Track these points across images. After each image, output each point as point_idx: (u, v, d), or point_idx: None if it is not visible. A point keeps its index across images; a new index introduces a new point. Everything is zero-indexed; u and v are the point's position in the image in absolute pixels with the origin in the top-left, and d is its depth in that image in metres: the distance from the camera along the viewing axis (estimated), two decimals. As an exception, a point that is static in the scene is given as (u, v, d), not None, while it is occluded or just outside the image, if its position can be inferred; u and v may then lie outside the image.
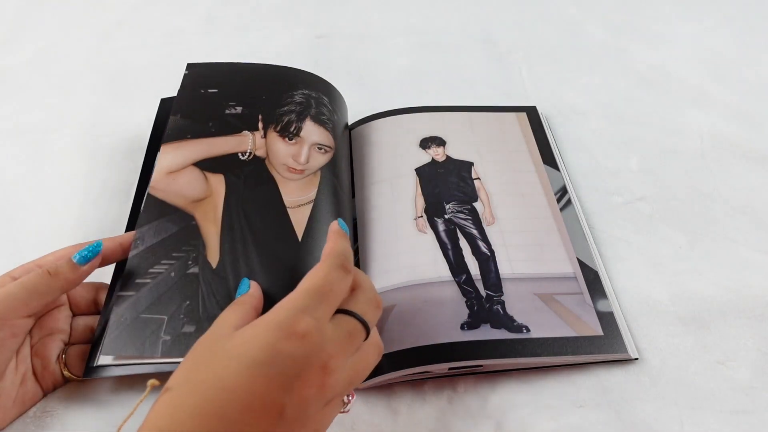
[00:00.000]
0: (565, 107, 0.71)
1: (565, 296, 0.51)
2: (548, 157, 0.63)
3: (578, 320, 0.49)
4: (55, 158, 0.65)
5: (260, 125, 0.58)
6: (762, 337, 0.49)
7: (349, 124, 0.67)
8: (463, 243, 0.55)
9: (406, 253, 0.54)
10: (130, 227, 0.53)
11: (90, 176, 0.63)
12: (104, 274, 0.53)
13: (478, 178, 0.60)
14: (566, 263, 0.54)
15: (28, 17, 0.85)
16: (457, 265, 0.53)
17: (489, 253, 0.54)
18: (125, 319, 0.45)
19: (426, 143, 0.63)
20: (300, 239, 0.51)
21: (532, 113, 0.68)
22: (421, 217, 0.57)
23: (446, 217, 0.57)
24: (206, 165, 0.54)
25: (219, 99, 0.60)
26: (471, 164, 0.61)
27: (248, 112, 0.59)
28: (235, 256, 0.49)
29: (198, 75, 0.62)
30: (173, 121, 0.57)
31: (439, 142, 0.63)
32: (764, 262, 0.55)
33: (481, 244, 0.55)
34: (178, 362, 0.43)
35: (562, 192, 0.60)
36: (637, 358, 0.48)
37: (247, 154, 0.56)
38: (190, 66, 0.62)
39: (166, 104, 0.62)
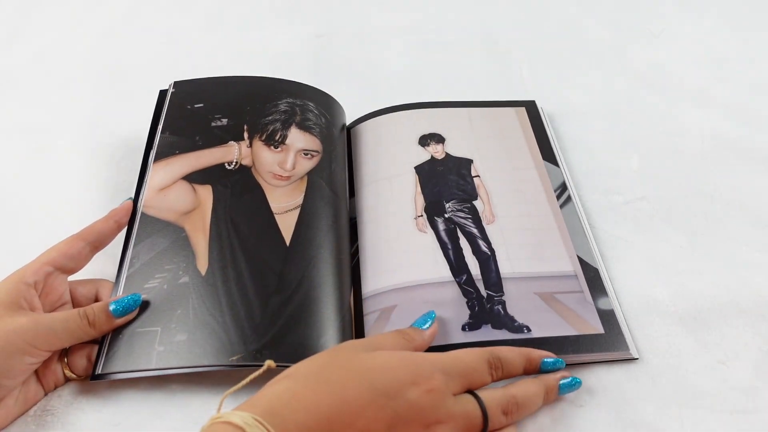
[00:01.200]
0: (566, 106, 0.71)
1: (566, 294, 0.51)
2: (548, 153, 0.63)
3: (579, 318, 0.49)
4: (55, 158, 0.66)
5: (245, 135, 0.59)
6: (762, 337, 0.49)
7: (349, 123, 0.67)
8: (464, 242, 0.55)
9: (406, 253, 0.54)
10: (130, 227, 0.53)
11: (90, 176, 0.63)
12: (105, 273, 0.53)
13: (478, 176, 0.60)
14: (566, 261, 0.53)
15: (28, 17, 0.85)
16: (457, 266, 0.53)
17: (489, 252, 0.54)
18: (122, 335, 0.46)
19: (425, 140, 0.63)
20: (288, 244, 0.52)
21: (531, 108, 0.68)
22: (421, 216, 0.57)
23: (446, 216, 0.57)
24: (194, 177, 0.56)
25: (205, 113, 0.61)
26: (470, 161, 0.61)
27: (234, 123, 0.60)
28: (223, 263, 0.51)
29: (184, 92, 0.63)
30: (162, 138, 0.59)
31: (438, 138, 0.63)
32: (765, 261, 0.55)
33: (481, 243, 0.55)
34: (176, 368, 0.44)
35: (562, 189, 0.60)
36: (637, 358, 0.48)
37: (234, 163, 0.57)
38: (177, 84, 0.64)
39: (164, 96, 0.63)
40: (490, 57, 0.79)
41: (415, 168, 0.61)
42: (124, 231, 0.53)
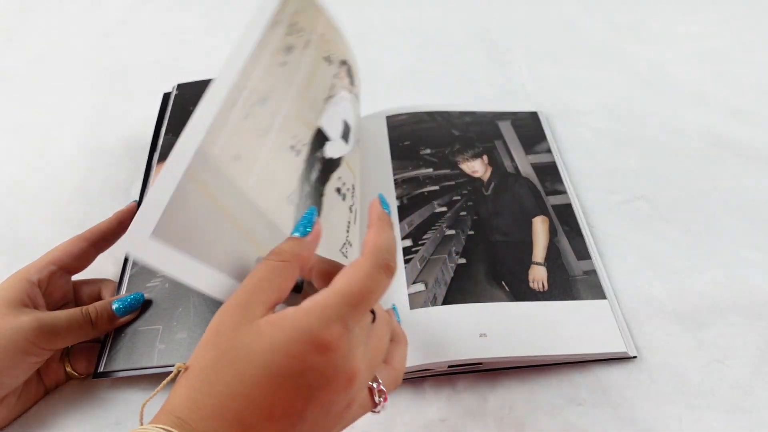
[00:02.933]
0: (566, 106, 0.71)
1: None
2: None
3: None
4: (55, 158, 0.66)
5: None
6: (761, 336, 0.50)
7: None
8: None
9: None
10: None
11: (91, 175, 0.64)
12: (108, 273, 0.53)
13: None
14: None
15: (28, 17, 0.85)
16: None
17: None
18: (124, 334, 0.47)
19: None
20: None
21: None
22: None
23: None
24: None
25: None
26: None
27: None
28: None
29: (187, 93, 0.63)
30: (166, 140, 0.59)
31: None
32: (763, 260, 0.55)
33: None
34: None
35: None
36: (635, 356, 0.48)
37: None
38: (180, 86, 0.64)
39: (168, 99, 0.63)
40: (490, 57, 0.79)
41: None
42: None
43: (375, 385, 0.36)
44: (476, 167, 0.61)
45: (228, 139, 0.39)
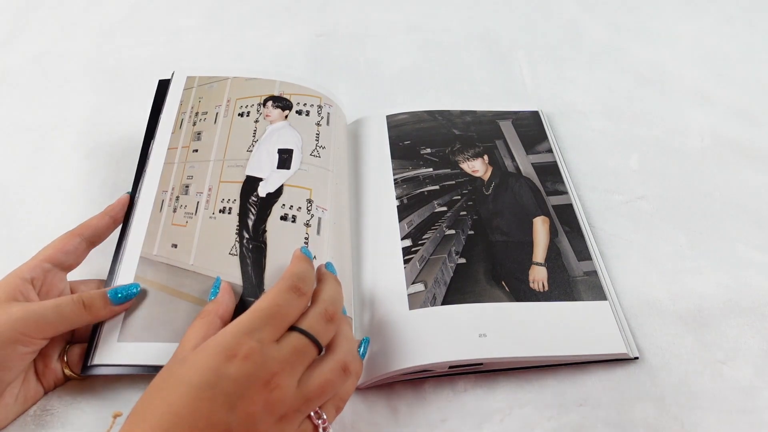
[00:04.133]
0: (566, 106, 0.71)
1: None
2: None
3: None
4: (54, 157, 0.65)
5: None
6: (763, 336, 0.49)
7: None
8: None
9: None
10: (126, 222, 0.53)
11: (90, 175, 0.63)
12: (104, 271, 0.53)
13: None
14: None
15: (28, 17, 0.85)
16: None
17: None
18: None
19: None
20: None
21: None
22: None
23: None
24: None
25: None
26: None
27: None
28: None
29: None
30: None
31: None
32: (764, 261, 0.55)
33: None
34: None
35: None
36: (637, 357, 0.48)
37: None
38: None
39: (163, 86, 0.63)
40: (491, 57, 0.79)
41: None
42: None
43: (319, 422, 0.38)
44: (477, 167, 0.61)
45: (163, 235, 0.51)
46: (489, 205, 0.58)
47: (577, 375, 0.46)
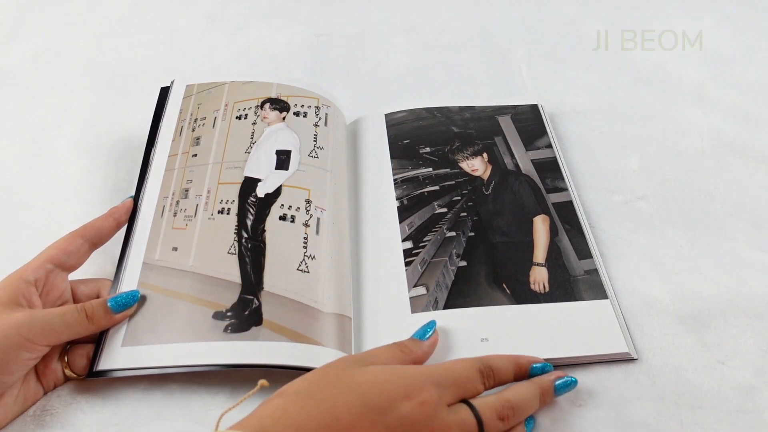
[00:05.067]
0: (566, 106, 0.71)
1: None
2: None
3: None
4: (54, 157, 0.65)
5: None
6: (762, 336, 0.49)
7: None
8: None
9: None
10: (130, 225, 0.53)
11: (90, 175, 0.63)
12: (105, 273, 0.53)
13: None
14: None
15: (27, 16, 0.85)
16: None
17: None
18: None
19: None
20: None
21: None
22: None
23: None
24: None
25: None
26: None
27: None
28: None
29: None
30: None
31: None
32: (764, 261, 0.55)
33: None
34: (177, 367, 0.44)
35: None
36: (636, 358, 0.48)
37: None
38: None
39: (164, 93, 0.63)
40: (490, 57, 0.79)
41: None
42: (123, 229, 0.53)
43: None
44: (476, 165, 0.61)
45: (164, 240, 0.52)
46: (489, 205, 0.58)
47: (577, 375, 0.46)
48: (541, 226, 0.56)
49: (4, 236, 0.58)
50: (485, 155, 0.62)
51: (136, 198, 0.54)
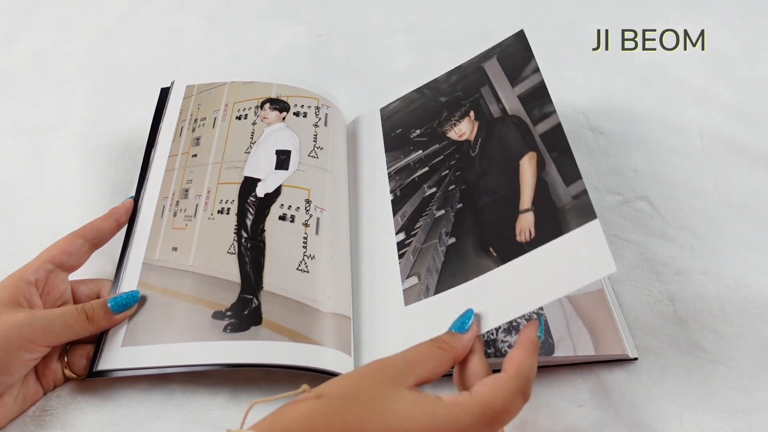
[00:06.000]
0: (566, 106, 0.71)
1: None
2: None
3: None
4: (54, 157, 0.65)
5: None
6: (762, 336, 0.49)
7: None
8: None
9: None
10: (130, 225, 0.53)
11: (90, 175, 0.63)
12: (106, 273, 0.53)
13: None
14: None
15: (27, 17, 0.85)
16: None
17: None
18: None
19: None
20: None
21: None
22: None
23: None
24: None
25: None
26: None
27: None
28: None
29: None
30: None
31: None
32: (764, 261, 0.55)
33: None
34: (177, 366, 0.44)
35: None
36: (636, 358, 0.48)
37: None
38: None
39: (165, 94, 0.63)
40: (490, 57, 0.79)
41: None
42: (124, 229, 0.53)
43: None
44: (463, 129, 0.59)
45: (164, 240, 0.52)
46: (476, 166, 0.56)
47: (577, 375, 0.46)
48: (527, 166, 0.52)
49: (4, 236, 0.58)
50: (472, 114, 0.60)
51: (136, 198, 0.55)
